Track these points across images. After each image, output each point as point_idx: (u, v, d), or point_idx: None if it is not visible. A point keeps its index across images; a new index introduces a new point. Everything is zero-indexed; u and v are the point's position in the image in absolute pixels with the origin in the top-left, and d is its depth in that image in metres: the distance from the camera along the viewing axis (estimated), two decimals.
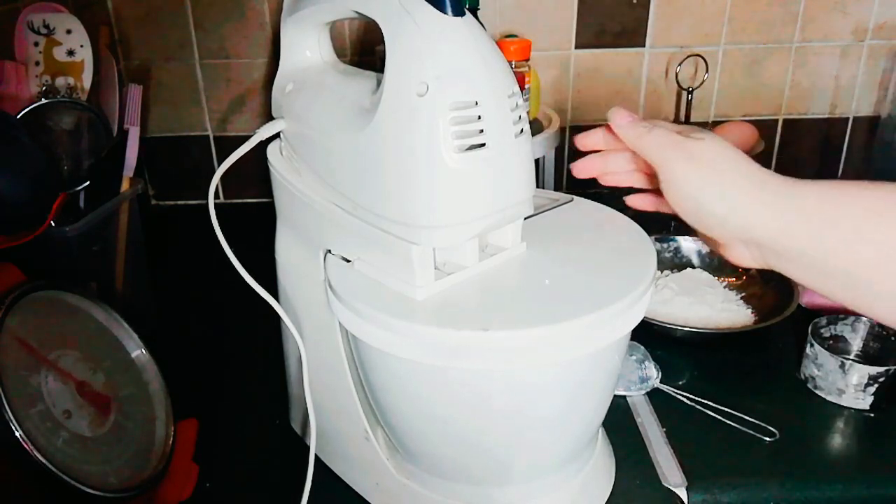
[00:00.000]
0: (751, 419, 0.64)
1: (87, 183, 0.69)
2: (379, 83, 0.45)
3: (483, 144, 0.41)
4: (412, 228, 0.43)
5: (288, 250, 0.57)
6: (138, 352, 0.60)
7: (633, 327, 0.46)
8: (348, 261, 0.49)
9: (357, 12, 0.45)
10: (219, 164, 0.52)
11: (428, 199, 0.42)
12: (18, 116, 0.65)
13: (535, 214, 0.53)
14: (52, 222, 0.61)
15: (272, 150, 0.56)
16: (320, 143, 0.49)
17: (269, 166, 0.55)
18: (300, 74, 0.53)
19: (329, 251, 0.50)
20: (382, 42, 0.42)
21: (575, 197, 0.58)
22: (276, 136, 0.55)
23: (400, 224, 0.43)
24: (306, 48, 0.54)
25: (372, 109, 0.43)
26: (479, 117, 0.41)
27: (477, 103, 0.41)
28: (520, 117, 0.44)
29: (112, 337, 0.59)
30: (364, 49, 1.08)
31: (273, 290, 0.59)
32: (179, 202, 1.16)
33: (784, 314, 0.74)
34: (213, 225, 0.52)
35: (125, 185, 0.74)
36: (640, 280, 0.45)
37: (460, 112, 0.41)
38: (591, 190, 0.60)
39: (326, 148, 0.48)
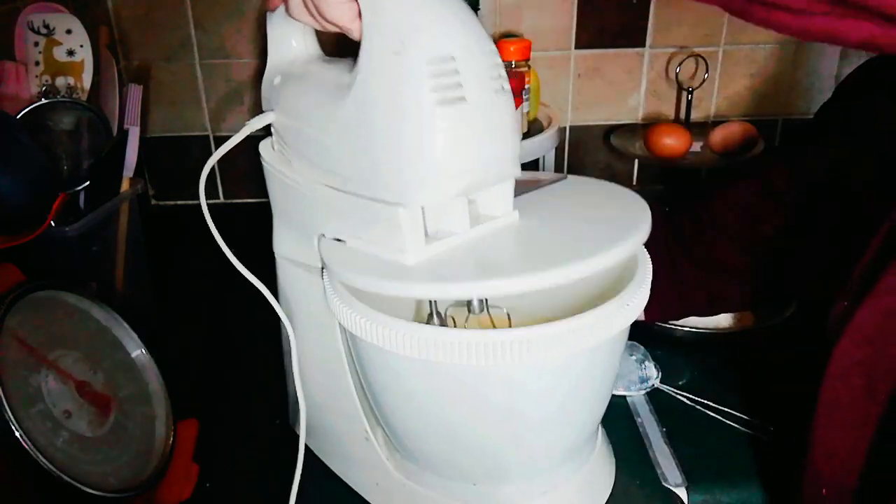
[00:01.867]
0: (751, 419, 0.64)
1: (87, 183, 0.69)
2: None
3: (462, 98, 0.42)
4: (398, 189, 0.43)
5: (285, 246, 0.57)
6: (138, 352, 0.60)
7: (630, 322, 0.46)
8: (341, 241, 0.49)
9: None
10: (219, 165, 0.53)
11: (410, 155, 0.42)
12: (18, 116, 0.65)
13: (531, 190, 0.52)
14: (52, 222, 0.61)
15: (264, 146, 0.57)
16: (307, 126, 0.50)
17: (261, 160, 0.56)
18: (287, 67, 0.54)
19: (322, 235, 0.51)
20: None
21: (569, 175, 0.58)
22: (269, 133, 0.55)
23: (386, 188, 0.44)
24: (292, 38, 0.55)
25: (352, 80, 0.44)
26: (457, 71, 0.42)
27: (454, 58, 0.41)
28: (499, 75, 0.44)
29: (112, 337, 0.59)
30: (351, 44, 1.08)
31: (274, 290, 0.59)
32: (179, 202, 1.16)
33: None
34: (207, 219, 0.52)
35: (125, 185, 0.74)
36: (637, 272, 0.45)
37: (437, 66, 0.41)
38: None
39: (313, 129, 0.49)
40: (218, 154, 0.53)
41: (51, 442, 0.49)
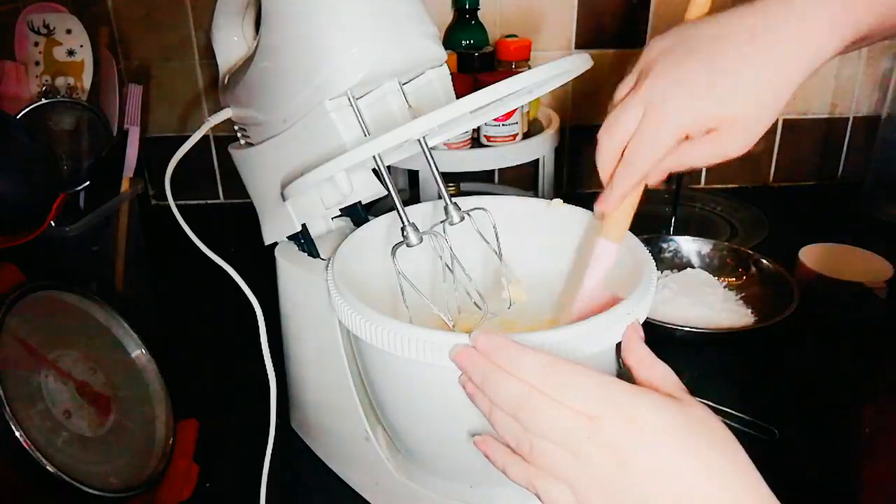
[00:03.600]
0: (751, 419, 0.64)
1: (87, 183, 0.69)
2: None
3: None
4: (319, 80, 0.45)
5: (273, 232, 0.59)
6: (138, 352, 0.60)
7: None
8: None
9: None
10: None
11: (322, 41, 0.44)
12: (18, 116, 0.65)
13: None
14: (52, 222, 0.61)
15: (233, 147, 0.59)
16: (251, 98, 0.52)
17: (232, 157, 0.58)
18: (232, 65, 0.57)
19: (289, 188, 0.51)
20: None
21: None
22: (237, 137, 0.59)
23: (311, 86, 0.46)
24: (233, 35, 0.57)
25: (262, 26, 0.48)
26: None
27: None
28: None
29: (112, 337, 0.59)
30: None
31: (274, 291, 0.59)
32: (179, 202, 1.16)
33: (784, 314, 0.74)
34: (176, 216, 0.57)
35: (125, 185, 0.74)
36: (641, 283, 0.45)
37: None
38: (591, 190, 0.61)
39: (252, 93, 0.52)
40: (180, 153, 0.57)
41: (51, 442, 0.49)
